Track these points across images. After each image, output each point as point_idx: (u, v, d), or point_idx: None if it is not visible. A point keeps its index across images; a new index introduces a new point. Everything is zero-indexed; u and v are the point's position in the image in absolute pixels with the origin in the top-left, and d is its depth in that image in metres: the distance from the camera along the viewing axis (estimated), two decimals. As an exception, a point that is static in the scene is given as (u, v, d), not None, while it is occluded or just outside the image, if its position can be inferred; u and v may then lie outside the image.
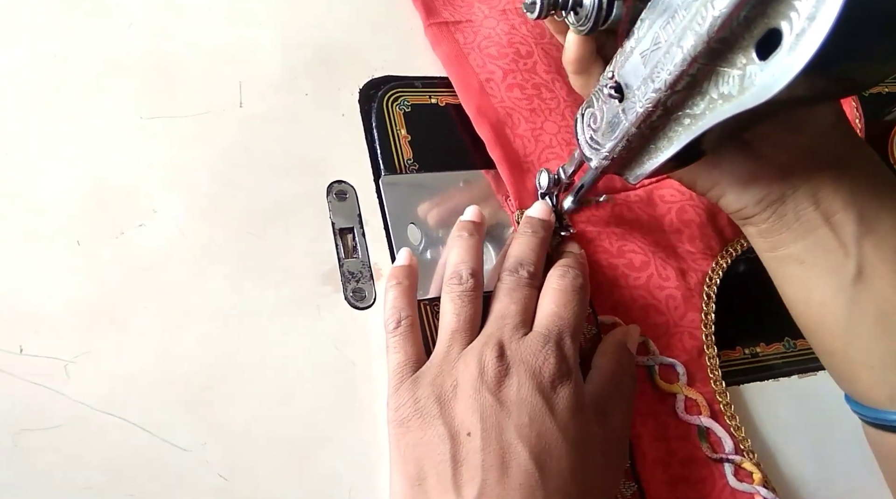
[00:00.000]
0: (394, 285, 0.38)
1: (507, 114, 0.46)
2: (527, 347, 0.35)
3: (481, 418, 0.32)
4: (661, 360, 0.41)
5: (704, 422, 0.40)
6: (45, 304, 0.34)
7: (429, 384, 0.34)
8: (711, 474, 0.39)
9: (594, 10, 0.32)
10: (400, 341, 0.36)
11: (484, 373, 0.34)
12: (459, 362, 0.35)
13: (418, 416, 0.33)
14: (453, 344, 0.36)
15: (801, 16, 0.24)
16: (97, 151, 0.38)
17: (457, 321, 0.36)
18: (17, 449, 0.31)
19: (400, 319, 0.37)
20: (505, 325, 0.36)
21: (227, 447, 0.33)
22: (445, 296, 0.38)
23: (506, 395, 0.33)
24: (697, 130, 0.30)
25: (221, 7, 0.45)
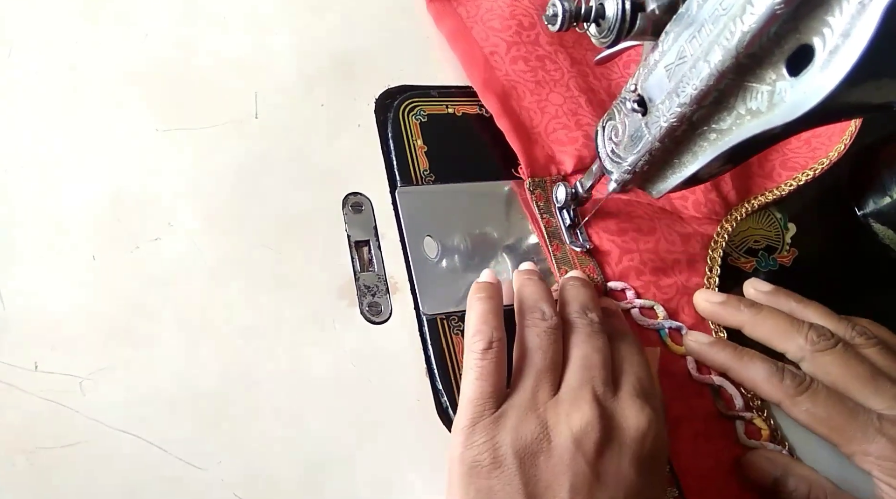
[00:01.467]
0: (482, 298, 0.36)
1: (511, 86, 0.46)
2: (625, 411, 0.32)
3: (572, 487, 0.30)
4: (670, 323, 0.42)
5: (717, 380, 0.41)
6: (60, 320, 0.33)
7: (512, 429, 0.31)
8: (726, 431, 0.40)
9: (617, 23, 0.32)
10: (488, 368, 0.33)
11: (582, 435, 0.31)
12: (549, 412, 0.32)
13: (495, 465, 0.31)
14: (540, 387, 0.33)
15: (835, 32, 0.23)
16: (113, 163, 0.38)
17: (544, 360, 0.34)
18: (33, 467, 0.30)
19: (492, 341, 0.34)
20: (593, 378, 0.33)
21: (243, 465, 0.33)
22: (529, 331, 0.35)
23: (604, 467, 0.31)
24: (724, 145, 0.30)
25: (237, 18, 0.45)
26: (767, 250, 0.48)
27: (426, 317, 0.39)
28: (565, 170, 0.45)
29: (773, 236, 0.49)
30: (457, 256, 0.42)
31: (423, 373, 0.38)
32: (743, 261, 0.48)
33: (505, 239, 0.44)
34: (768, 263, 0.48)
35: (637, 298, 0.42)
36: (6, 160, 0.36)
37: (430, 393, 0.37)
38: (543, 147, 0.45)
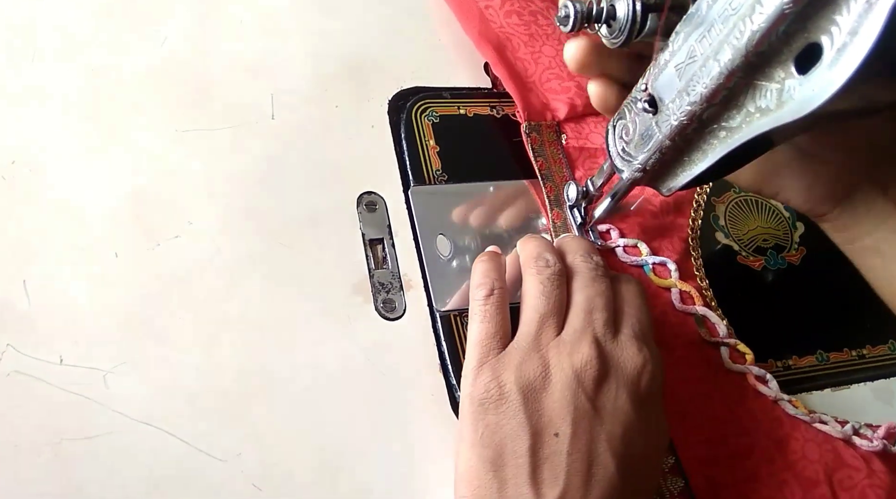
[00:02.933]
0: (483, 259, 0.37)
1: (506, 38, 0.48)
2: (623, 351, 0.34)
3: (573, 421, 0.32)
4: (654, 259, 0.44)
5: (700, 310, 0.43)
6: (84, 315, 0.34)
7: (515, 368, 0.33)
8: (708, 357, 0.42)
9: (628, 23, 0.32)
10: (491, 311, 0.35)
11: (582, 373, 0.32)
12: (551, 351, 0.33)
13: (502, 400, 0.32)
14: (544, 329, 0.34)
15: (843, 30, 0.24)
16: (133, 163, 0.39)
17: (547, 304, 0.35)
18: (57, 458, 0.31)
19: (493, 288, 0.35)
20: (595, 320, 0.34)
21: (262, 457, 0.34)
22: (531, 278, 0.36)
23: (602, 402, 0.32)
24: (733, 143, 0.30)
25: (253, 21, 0.45)
26: (776, 249, 0.49)
27: (439, 313, 0.40)
28: (559, 117, 0.47)
29: (781, 235, 0.49)
30: (468, 255, 0.42)
31: (437, 368, 0.38)
32: (752, 259, 0.49)
33: (516, 237, 0.44)
34: (777, 262, 0.49)
35: (621, 238, 0.44)
36: (30, 160, 0.37)
37: (444, 388, 0.38)
38: (538, 95, 0.48)
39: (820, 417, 0.42)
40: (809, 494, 0.39)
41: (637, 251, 0.44)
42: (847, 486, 0.39)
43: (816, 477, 0.39)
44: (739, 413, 0.41)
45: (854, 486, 0.39)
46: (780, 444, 0.40)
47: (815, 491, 0.39)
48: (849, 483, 0.40)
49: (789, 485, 0.39)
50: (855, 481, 0.40)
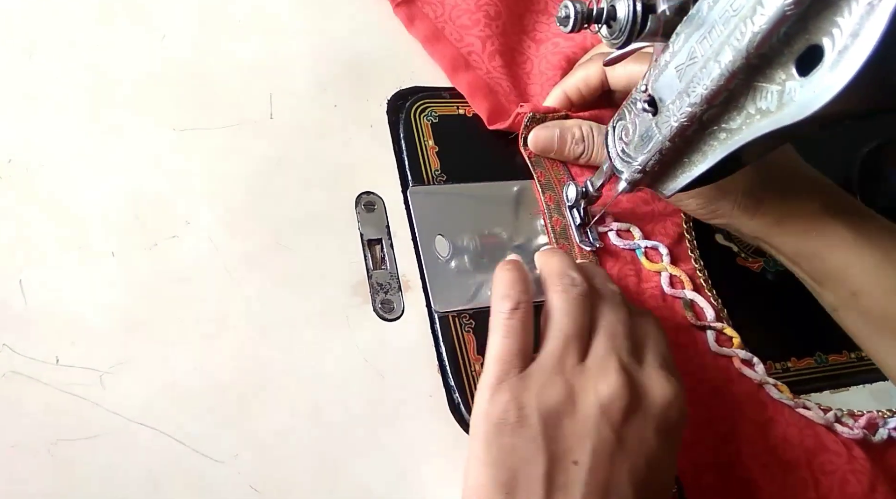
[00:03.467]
0: (509, 269, 0.36)
1: (496, 83, 0.47)
2: (652, 382, 0.33)
3: (594, 450, 0.31)
4: (646, 242, 0.45)
5: (688, 294, 0.44)
6: (81, 315, 0.34)
7: (537, 391, 0.32)
8: (695, 341, 0.43)
9: (628, 24, 0.32)
10: (515, 326, 0.33)
11: (609, 402, 0.31)
12: (577, 377, 0.32)
13: (519, 423, 0.31)
14: (569, 352, 0.33)
15: (844, 32, 0.24)
16: (131, 162, 0.39)
17: (574, 326, 0.34)
18: (54, 459, 0.31)
19: (519, 302, 0.34)
20: (620, 348, 0.33)
21: (260, 459, 0.34)
22: (557, 296, 0.35)
23: (628, 434, 0.31)
24: (733, 144, 0.30)
25: (252, 21, 0.45)
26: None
27: (438, 314, 0.40)
28: None
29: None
30: (467, 255, 0.42)
31: (436, 369, 0.38)
32: (751, 261, 0.49)
33: (515, 238, 0.44)
34: (776, 264, 0.49)
35: (614, 222, 0.45)
36: (27, 159, 0.37)
37: (443, 389, 0.38)
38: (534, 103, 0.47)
39: (804, 402, 0.42)
40: (790, 476, 0.40)
41: (630, 235, 0.45)
42: (828, 470, 0.40)
43: (797, 461, 0.40)
44: (724, 396, 0.41)
45: (835, 471, 0.40)
46: (762, 427, 0.41)
47: (795, 474, 0.40)
48: (829, 467, 0.40)
49: (770, 468, 0.39)
50: (835, 465, 0.40)
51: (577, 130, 0.45)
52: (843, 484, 0.40)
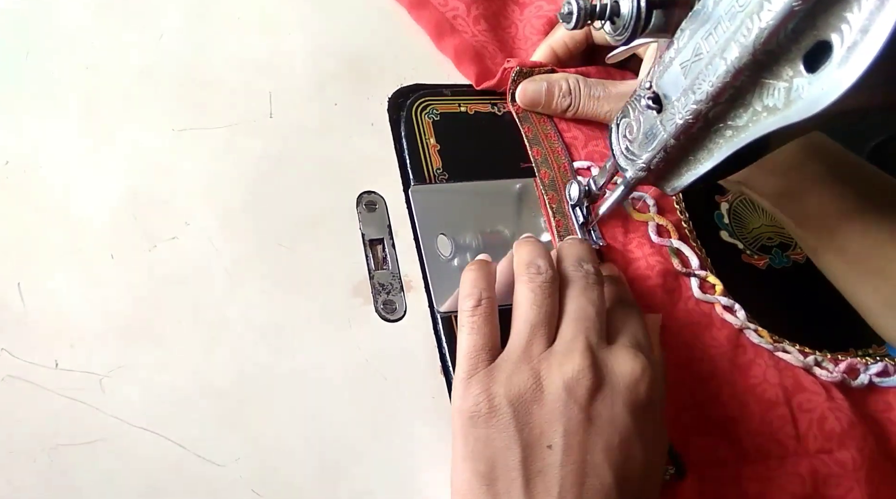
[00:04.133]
0: (473, 268, 0.36)
1: (482, 47, 0.48)
2: (617, 359, 0.33)
3: (566, 432, 0.31)
4: (633, 194, 0.45)
5: (675, 243, 0.45)
6: (79, 318, 0.34)
7: (505, 380, 0.32)
8: (680, 286, 0.44)
9: (632, 20, 0.32)
10: (479, 322, 0.34)
11: (574, 383, 0.32)
12: (542, 363, 0.33)
13: (491, 414, 0.32)
14: (534, 340, 0.33)
15: (854, 28, 0.23)
16: (129, 162, 0.38)
17: (538, 313, 0.34)
18: (53, 464, 0.31)
19: (480, 299, 0.35)
20: (588, 329, 0.34)
21: (261, 462, 0.33)
22: (522, 286, 0.35)
23: (597, 412, 0.31)
24: (739, 142, 0.30)
25: (251, 18, 0.45)
26: (780, 248, 0.48)
27: (440, 315, 0.39)
28: None
29: (786, 233, 0.49)
30: (469, 254, 0.42)
31: (438, 370, 0.38)
32: (756, 258, 0.48)
33: (517, 237, 0.43)
34: (781, 261, 0.48)
35: None
36: (24, 161, 0.37)
37: (445, 390, 0.37)
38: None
39: (784, 346, 0.43)
40: (768, 414, 0.40)
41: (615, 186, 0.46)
42: (806, 408, 0.41)
43: (776, 399, 0.41)
44: (705, 339, 0.42)
45: (813, 408, 0.41)
46: (742, 369, 0.41)
47: (774, 411, 0.40)
48: (808, 405, 0.41)
49: (749, 406, 0.40)
50: (814, 403, 0.41)
51: (563, 83, 0.46)
52: (822, 421, 0.40)
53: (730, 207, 0.49)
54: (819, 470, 0.39)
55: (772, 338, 0.43)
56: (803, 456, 0.39)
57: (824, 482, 0.39)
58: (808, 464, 0.39)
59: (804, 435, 0.40)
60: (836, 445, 0.40)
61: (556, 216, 0.44)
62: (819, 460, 0.39)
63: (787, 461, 0.39)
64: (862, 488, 0.39)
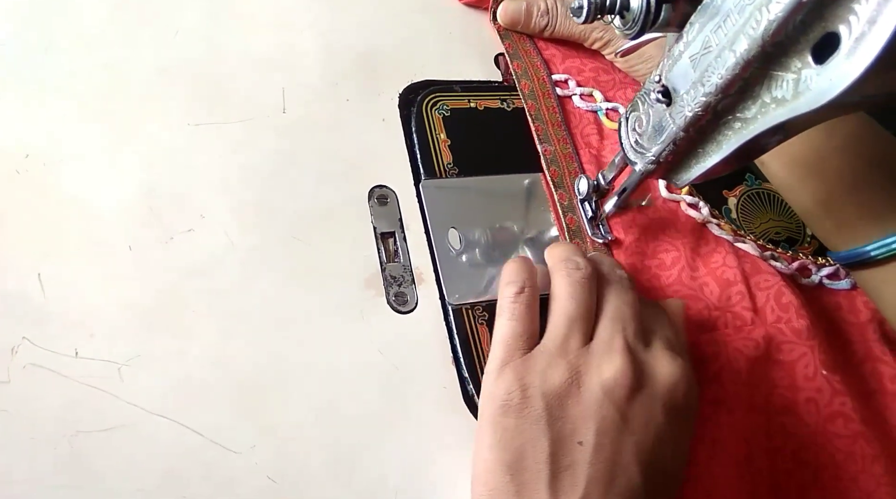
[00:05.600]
0: (517, 259, 0.36)
1: None
2: (657, 361, 0.33)
3: (598, 430, 0.31)
4: (607, 104, 0.49)
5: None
6: (99, 308, 0.34)
7: (541, 372, 0.32)
8: (648, 188, 0.46)
9: (641, 14, 0.32)
10: (521, 309, 0.34)
11: (613, 383, 0.31)
12: (581, 359, 0.32)
13: (523, 404, 0.31)
14: (573, 333, 0.33)
15: (861, 19, 0.24)
16: (147, 157, 0.39)
17: (577, 308, 0.34)
18: (73, 451, 0.31)
19: (524, 287, 0.35)
20: (626, 329, 0.33)
21: (276, 450, 0.34)
22: (561, 280, 0.35)
23: (634, 413, 0.31)
24: (748, 134, 0.30)
25: (265, 15, 0.45)
26: (788, 242, 0.48)
27: (451, 306, 0.40)
28: None
29: (793, 228, 0.49)
30: (479, 248, 0.42)
31: (449, 361, 0.38)
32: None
33: (527, 231, 0.44)
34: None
35: (578, 86, 0.49)
36: (44, 155, 0.37)
37: (457, 381, 0.38)
38: None
39: (744, 239, 0.45)
40: (726, 291, 0.42)
41: (592, 99, 0.49)
42: (763, 287, 0.43)
43: (734, 278, 0.43)
44: (669, 233, 0.45)
45: (770, 287, 0.43)
46: (704, 257, 0.44)
47: (731, 288, 0.42)
48: (765, 284, 0.43)
49: (709, 285, 0.43)
50: (770, 283, 0.43)
51: (542, 3, 0.49)
52: (779, 295, 0.42)
53: (738, 202, 0.50)
54: (774, 336, 0.41)
55: (732, 230, 0.45)
56: (759, 326, 0.41)
57: (778, 348, 0.41)
58: (764, 331, 0.41)
59: (761, 308, 0.42)
60: (794, 315, 0.41)
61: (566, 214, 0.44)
62: (775, 328, 0.41)
63: (743, 330, 0.41)
64: (815, 355, 0.40)
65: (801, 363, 0.40)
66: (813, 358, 0.40)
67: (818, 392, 0.40)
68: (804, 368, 0.40)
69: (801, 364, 0.40)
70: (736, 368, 0.39)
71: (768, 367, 0.40)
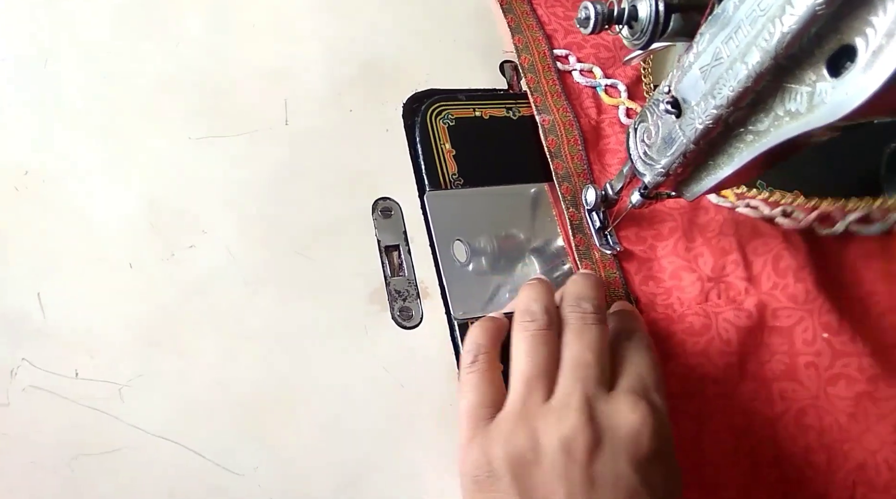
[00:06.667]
0: (478, 323, 0.36)
1: None
2: (618, 411, 0.31)
3: (568, 494, 0.29)
4: (606, 81, 0.49)
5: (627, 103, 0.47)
6: (99, 327, 0.34)
7: (504, 442, 0.31)
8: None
9: (650, 24, 0.31)
10: (475, 379, 0.33)
11: (571, 442, 0.30)
12: (540, 421, 0.31)
13: (492, 479, 0.30)
14: (531, 393, 0.32)
15: (879, 32, 0.23)
16: (147, 171, 0.38)
17: (532, 366, 0.33)
18: (73, 474, 0.31)
19: (476, 355, 0.34)
20: (586, 378, 0.32)
21: (280, 471, 0.33)
22: (517, 335, 0.34)
23: (598, 471, 0.30)
24: (761, 147, 0.29)
25: (266, 25, 0.45)
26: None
27: (457, 321, 0.39)
28: None
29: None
30: (485, 260, 0.42)
31: (455, 377, 0.38)
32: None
33: (533, 242, 0.43)
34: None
35: (578, 62, 0.49)
36: (44, 171, 0.37)
37: (463, 398, 0.37)
38: None
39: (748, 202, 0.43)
40: (721, 260, 0.42)
41: (592, 75, 0.49)
42: (761, 252, 0.42)
43: (730, 247, 0.42)
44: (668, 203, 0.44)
45: (769, 251, 0.42)
46: (701, 226, 0.43)
47: (727, 257, 0.42)
48: (763, 249, 0.42)
49: (703, 256, 0.42)
50: (770, 246, 0.42)
51: None
52: (777, 259, 0.41)
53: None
54: (768, 304, 0.40)
55: (736, 194, 0.44)
56: (753, 294, 0.41)
57: (774, 314, 0.40)
58: (757, 300, 0.40)
59: (757, 276, 0.41)
60: (792, 279, 0.41)
61: (569, 208, 0.43)
62: (770, 295, 0.41)
63: (735, 301, 0.41)
64: (814, 318, 0.40)
65: (799, 328, 0.40)
66: (812, 322, 0.40)
67: (818, 356, 0.39)
68: (803, 332, 0.40)
69: (800, 329, 0.40)
70: (725, 339, 0.39)
71: (764, 334, 0.40)
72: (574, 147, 0.45)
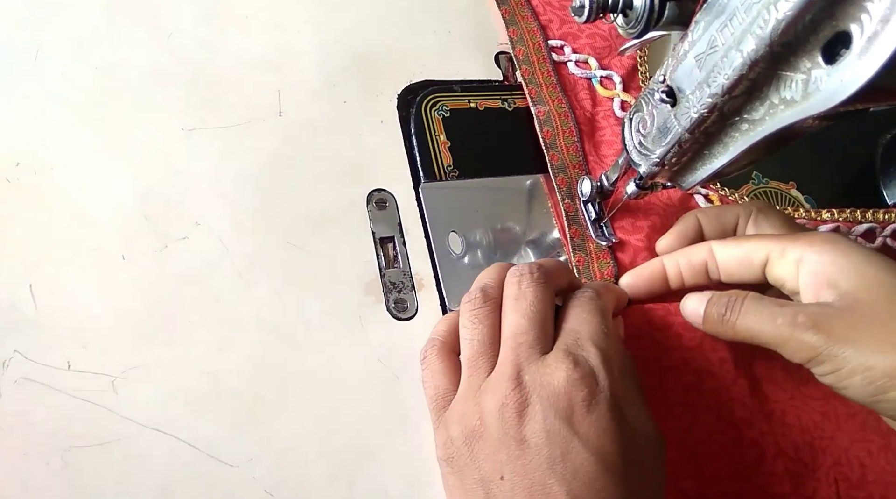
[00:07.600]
0: (441, 319, 0.37)
1: None
2: (545, 371, 0.31)
3: (508, 459, 0.30)
4: (601, 72, 0.49)
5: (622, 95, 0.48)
6: (91, 319, 0.34)
7: (457, 423, 0.32)
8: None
9: (645, 13, 0.31)
10: (425, 375, 0.35)
11: (504, 408, 0.31)
12: (483, 396, 0.32)
13: (455, 457, 0.32)
14: (474, 373, 0.33)
15: (874, 18, 0.23)
16: (139, 162, 0.38)
17: (471, 346, 0.33)
18: (66, 466, 0.31)
19: (425, 353, 0.35)
20: (519, 345, 0.32)
21: (274, 462, 0.33)
22: (459, 320, 0.35)
23: (530, 430, 0.30)
24: (756, 135, 0.29)
25: (259, 15, 0.45)
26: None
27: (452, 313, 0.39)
28: None
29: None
30: (481, 251, 0.42)
31: (451, 369, 0.38)
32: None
33: (528, 233, 0.43)
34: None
35: (573, 53, 0.49)
36: (34, 162, 0.37)
37: (458, 389, 0.37)
38: None
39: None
40: None
41: (587, 66, 0.49)
42: None
43: None
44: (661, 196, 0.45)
45: None
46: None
47: None
48: None
49: None
50: None
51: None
52: None
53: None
54: None
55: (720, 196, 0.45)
56: None
57: None
58: None
59: None
60: None
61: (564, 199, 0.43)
62: None
63: None
64: None
65: None
66: None
67: None
68: None
69: None
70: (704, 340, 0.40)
71: None
72: (569, 138, 0.45)
